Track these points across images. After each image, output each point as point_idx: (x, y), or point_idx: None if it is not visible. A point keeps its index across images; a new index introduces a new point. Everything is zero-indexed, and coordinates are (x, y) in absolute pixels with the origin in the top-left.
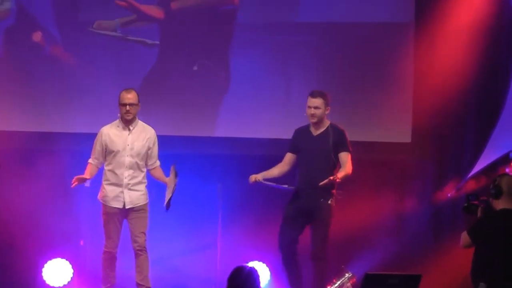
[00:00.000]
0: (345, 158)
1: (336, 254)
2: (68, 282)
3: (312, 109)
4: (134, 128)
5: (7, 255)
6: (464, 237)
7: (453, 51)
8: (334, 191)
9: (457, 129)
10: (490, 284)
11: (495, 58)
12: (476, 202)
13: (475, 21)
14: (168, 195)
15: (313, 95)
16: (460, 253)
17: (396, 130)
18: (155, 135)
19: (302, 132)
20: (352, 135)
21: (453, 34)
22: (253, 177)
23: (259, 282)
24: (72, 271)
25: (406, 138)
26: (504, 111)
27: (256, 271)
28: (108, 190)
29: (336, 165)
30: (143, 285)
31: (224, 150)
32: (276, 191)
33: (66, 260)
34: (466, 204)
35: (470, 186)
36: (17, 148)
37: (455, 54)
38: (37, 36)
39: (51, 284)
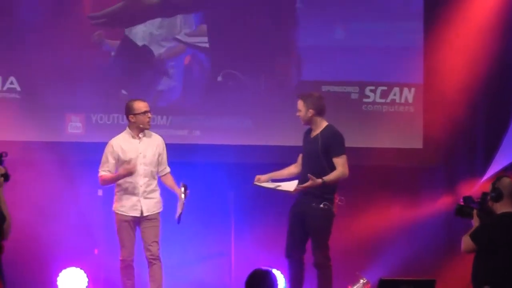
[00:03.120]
0: (337, 162)
1: (351, 261)
2: None
3: (297, 112)
4: (143, 136)
5: (21, 265)
6: (467, 241)
7: (464, 56)
8: (335, 195)
9: (468, 134)
10: None
11: (506, 61)
12: (470, 205)
13: (486, 25)
14: (179, 209)
15: (296, 97)
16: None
17: (408, 136)
18: (163, 141)
19: (306, 133)
20: (363, 142)
21: (464, 38)
22: (257, 178)
23: (277, 285)
24: (87, 280)
25: (418, 144)
26: None
27: (273, 273)
28: (125, 200)
29: (327, 171)
30: None
31: (237, 158)
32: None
33: (81, 269)
34: (458, 207)
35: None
36: (27, 158)
37: (465, 58)
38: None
39: None
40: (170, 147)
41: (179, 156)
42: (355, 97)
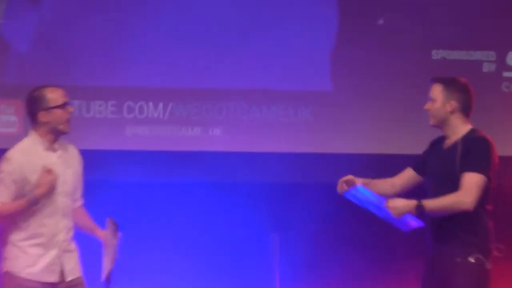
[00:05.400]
0: (464, 180)
1: None
2: None
3: (429, 102)
4: (59, 148)
5: None
6: None
7: None
8: (489, 244)
9: None
10: None
11: None
12: None
13: None
14: (107, 264)
15: (432, 80)
16: None
17: None
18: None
19: (436, 144)
20: (504, 147)
21: None
22: (350, 179)
23: None
24: None
25: None
26: None
27: None
28: (34, 255)
29: None
30: None
31: (284, 175)
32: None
33: None
34: None
35: None
36: None
37: None
38: None
39: None
40: (168, 155)
41: (183, 173)
42: (490, 70)
